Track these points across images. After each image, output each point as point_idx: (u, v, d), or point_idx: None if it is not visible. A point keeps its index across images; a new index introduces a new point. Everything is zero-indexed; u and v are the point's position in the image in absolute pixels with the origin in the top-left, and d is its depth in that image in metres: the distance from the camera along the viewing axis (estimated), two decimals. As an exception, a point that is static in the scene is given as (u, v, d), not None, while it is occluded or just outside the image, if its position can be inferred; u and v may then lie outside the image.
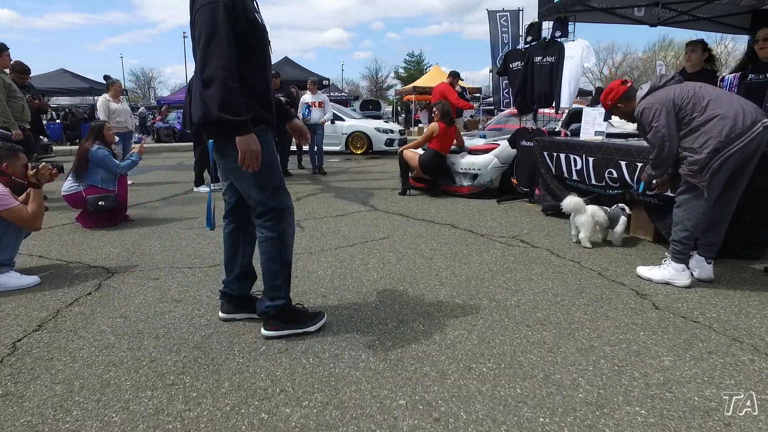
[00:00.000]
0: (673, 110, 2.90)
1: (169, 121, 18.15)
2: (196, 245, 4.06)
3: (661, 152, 2.93)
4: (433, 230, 4.54)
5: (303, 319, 2.42)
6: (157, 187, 7.40)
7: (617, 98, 3.23)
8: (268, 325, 2.36)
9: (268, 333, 2.35)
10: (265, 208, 2.24)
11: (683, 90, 2.94)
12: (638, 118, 3.07)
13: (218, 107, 1.95)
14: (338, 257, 3.68)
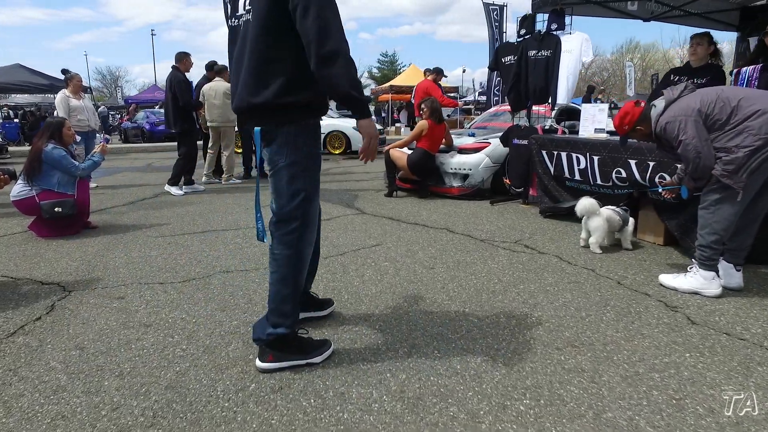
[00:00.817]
0: (699, 119, 2.66)
1: (138, 120, 17.33)
2: (168, 256, 3.61)
3: (696, 165, 2.66)
4: (428, 235, 4.21)
5: (307, 348, 2.04)
6: (124, 191, 6.85)
7: (635, 121, 2.97)
8: (264, 355, 1.97)
9: (264, 365, 1.96)
10: (288, 217, 1.94)
11: (704, 96, 2.72)
12: (660, 134, 2.82)
13: (349, 84, 1.73)
14: (329, 268, 3.30)
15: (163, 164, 10.42)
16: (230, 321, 2.46)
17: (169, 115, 6.45)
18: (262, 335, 1.98)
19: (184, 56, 6.59)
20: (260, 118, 1.87)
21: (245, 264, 3.39)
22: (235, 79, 1.91)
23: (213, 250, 3.75)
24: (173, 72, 6.42)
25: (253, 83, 1.82)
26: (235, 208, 5.47)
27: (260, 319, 2.07)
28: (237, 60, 1.90)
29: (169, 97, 6.34)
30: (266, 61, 1.80)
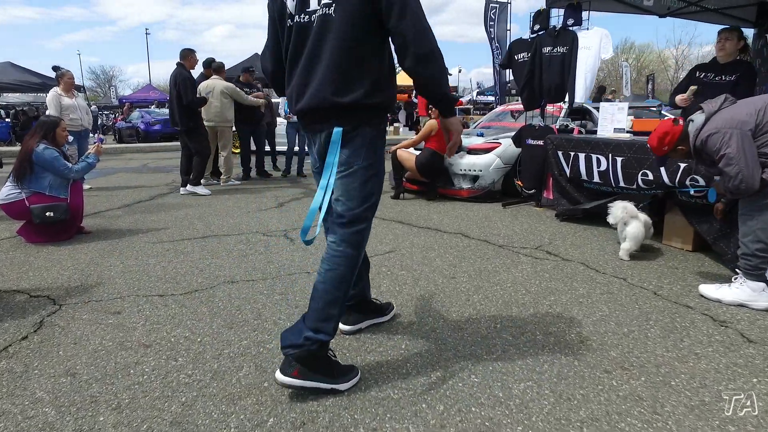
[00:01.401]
0: (746, 131, 2.46)
1: (132, 120, 17.00)
2: (167, 264, 3.37)
3: (737, 186, 2.46)
4: (442, 241, 3.98)
5: (335, 371, 1.83)
6: (119, 193, 6.58)
7: (675, 140, 2.75)
8: (290, 368, 1.75)
9: (287, 380, 1.74)
10: (358, 218, 1.86)
11: (751, 106, 2.53)
12: (701, 148, 2.62)
13: (444, 84, 1.80)
14: (343, 278, 3.06)
15: (159, 165, 10.15)
16: (239, 340, 2.22)
17: (174, 113, 6.19)
18: (296, 340, 1.77)
19: (190, 53, 6.33)
20: (343, 118, 1.80)
21: (251, 274, 3.15)
22: (304, 77, 1.82)
23: (215, 258, 3.50)
24: (178, 69, 6.16)
25: (340, 81, 1.75)
26: (236, 211, 5.22)
27: (293, 326, 1.88)
28: (309, 57, 1.80)
29: (174, 95, 6.08)
30: (355, 60, 1.75)
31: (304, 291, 2.83)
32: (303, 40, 1.81)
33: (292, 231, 4.30)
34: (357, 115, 1.80)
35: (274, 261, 3.41)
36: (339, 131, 1.79)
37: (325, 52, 1.75)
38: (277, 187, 6.97)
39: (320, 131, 1.87)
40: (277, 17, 1.90)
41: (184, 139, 6.30)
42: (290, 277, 3.08)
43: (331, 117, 1.80)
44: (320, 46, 1.77)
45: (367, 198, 1.86)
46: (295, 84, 1.86)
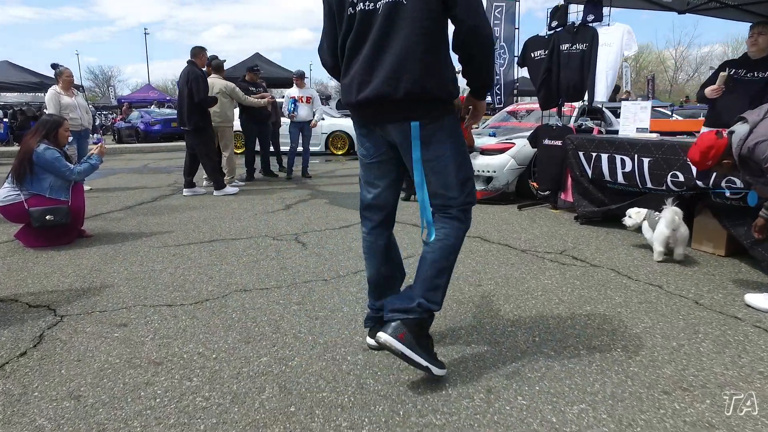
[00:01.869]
0: None
1: (131, 120, 16.79)
2: (174, 271, 3.18)
3: None
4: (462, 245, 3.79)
5: (433, 353, 1.85)
6: (120, 194, 6.39)
7: (720, 154, 2.58)
8: (398, 330, 1.74)
9: (392, 341, 1.72)
10: (464, 204, 1.88)
11: None
12: (747, 156, 2.45)
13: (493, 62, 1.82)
14: (363, 287, 2.88)
15: (160, 165, 9.96)
16: (258, 357, 2.04)
17: (183, 112, 5.98)
18: (407, 304, 1.79)
19: (201, 51, 6.15)
20: (422, 109, 1.75)
21: (264, 281, 2.97)
22: (368, 66, 1.76)
23: (225, 264, 3.32)
24: (190, 67, 5.97)
25: (417, 71, 1.70)
26: (242, 213, 5.04)
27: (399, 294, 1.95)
28: (375, 46, 1.74)
29: (185, 93, 5.89)
30: (431, 48, 1.71)
31: (323, 301, 2.65)
32: (367, 28, 1.75)
33: (302, 235, 4.11)
34: (437, 106, 1.76)
35: (288, 267, 3.23)
36: (417, 125, 1.74)
37: (396, 41, 1.70)
38: (283, 188, 6.79)
39: (387, 122, 1.81)
40: (336, 5, 1.83)
41: (192, 138, 6.10)
42: (306, 285, 2.90)
43: (404, 109, 1.75)
44: (390, 34, 1.71)
45: (464, 183, 1.85)
46: (356, 73, 1.79)
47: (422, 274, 1.83)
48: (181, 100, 6.00)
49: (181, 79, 6.02)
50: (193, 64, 6.00)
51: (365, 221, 2.07)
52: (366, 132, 1.92)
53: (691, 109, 15.48)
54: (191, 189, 6.29)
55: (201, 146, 6.07)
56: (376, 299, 2.09)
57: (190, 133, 6.07)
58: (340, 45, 1.86)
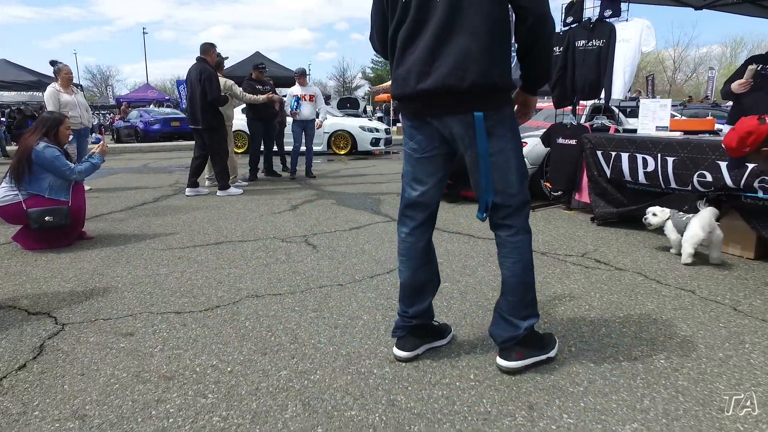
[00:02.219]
0: None
1: (131, 119, 16.62)
2: (180, 275, 3.03)
3: None
4: (478, 247, 3.66)
5: (543, 340, 1.96)
6: (121, 194, 6.23)
7: (761, 141, 2.44)
8: (512, 353, 1.85)
9: (513, 364, 1.85)
10: (522, 201, 1.82)
11: None
12: None
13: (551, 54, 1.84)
14: (381, 292, 2.74)
15: (160, 165, 9.80)
16: (277, 370, 1.89)
17: (196, 111, 5.82)
18: (515, 332, 1.84)
19: (211, 47, 6.00)
20: (487, 100, 1.69)
21: (276, 286, 2.82)
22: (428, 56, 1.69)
23: (234, 267, 3.17)
24: (201, 64, 5.82)
25: (489, 62, 1.64)
26: (248, 214, 4.88)
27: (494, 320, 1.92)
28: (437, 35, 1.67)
29: (198, 91, 5.73)
30: (498, 37, 1.65)
31: (341, 307, 2.50)
32: (426, 17, 1.69)
33: (312, 236, 3.97)
34: (500, 97, 1.72)
35: (300, 271, 3.08)
36: (481, 117, 1.67)
37: (461, 29, 1.64)
38: (287, 188, 6.64)
39: (448, 114, 1.73)
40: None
41: (204, 138, 5.93)
42: (321, 290, 2.75)
43: (469, 100, 1.68)
44: (454, 21, 1.64)
45: (522, 178, 1.80)
46: (414, 64, 1.72)
47: (513, 298, 1.84)
48: (193, 99, 5.83)
49: (191, 76, 5.84)
50: (203, 61, 5.85)
51: (406, 221, 1.97)
52: (419, 125, 1.83)
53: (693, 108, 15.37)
54: (194, 189, 6.14)
55: (214, 145, 5.93)
56: (408, 306, 1.96)
57: (202, 132, 5.91)
58: (392, 34, 1.79)
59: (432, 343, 2.05)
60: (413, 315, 1.94)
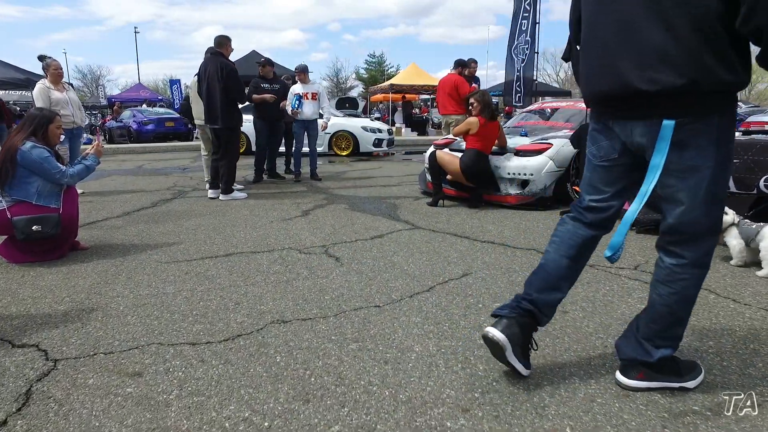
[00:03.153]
0: None
1: (123, 119, 16.12)
2: (191, 294, 2.64)
3: None
4: (517, 259, 3.31)
5: (680, 368, 1.70)
6: (116, 198, 5.81)
7: None
8: (633, 371, 1.68)
9: (632, 383, 1.68)
10: (705, 230, 1.54)
11: None
12: None
13: None
14: (427, 315, 2.37)
15: (156, 167, 9.36)
16: (327, 425, 1.51)
17: (215, 109, 5.41)
18: (644, 357, 1.64)
19: (227, 40, 5.61)
20: (686, 105, 1.42)
21: (304, 308, 2.44)
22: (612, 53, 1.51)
23: (251, 285, 2.79)
24: (218, 58, 5.42)
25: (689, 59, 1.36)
26: (256, 221, 4.50)
27: (625, 334, 1.74)
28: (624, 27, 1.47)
29: (219, 88, 5.32)
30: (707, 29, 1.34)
31: (385, 336, 2.13)
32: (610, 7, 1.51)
33: (332, 247, 3.59)
34: (704, 101, 1.41)
35: (327, 289, 2.70)
36: (670, 125, 1.42)
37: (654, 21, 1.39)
38: (294, 191, 6.26)
39: (631, 119, 1.53)
40: None
41: (221, 137, 5.53)
42: (357, 314, 2.38)
43: (659, 104, 1.44)
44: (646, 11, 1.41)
45: (713, 204, 1.51)
46: (596, 61, 1.57)
47: (656, 325, 1.63)
48: (212, 96, 5.41)
49: (208, 71, 5.41)
50: (220, 55, 5.46)
51: (576, 211, 1.80)
52: (602, 128, 1.66)
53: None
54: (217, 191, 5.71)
55: (230, 145, 5.55)
56: (535, 290, 1.75)
57: (220, 132, 5.50)
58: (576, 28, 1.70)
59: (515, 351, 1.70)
60: (533, 301, 1.72)
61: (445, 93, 7.76)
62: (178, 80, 24.38)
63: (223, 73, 5.28)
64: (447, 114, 7.88)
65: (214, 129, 5.51)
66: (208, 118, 5.50)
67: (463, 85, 7.57)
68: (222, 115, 5.36)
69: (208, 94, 5.42)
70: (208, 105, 5.46)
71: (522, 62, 8.87)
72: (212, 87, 5.36)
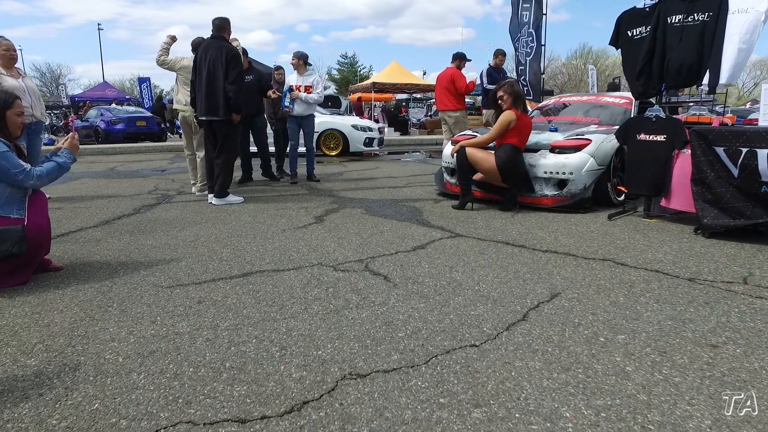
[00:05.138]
0: None
1: (89, 119, 14.94)
2: (215, 335, 1.96)
3: None
4: (599, 272, 2.74)
5: None
6: (90, 204, 4.99)
7: None
8: None
9: None
10: None
11: None
12: None
13: None
14: (545, 356, 1.76)
15: (131, 168, 8.47)
16: None
17: (216, 98, 4.69)
18: None
19: (227, 22, 4.90)
20: None
21: (378, 352, 1.80)
22: None
23: (290, 317, 2.13)
24: (220, 42, 4.73)
25: None
26: (265, 229, 3.81)
27: None
28: None
29: (218, 74, 4.63)
30: None
31: (509, 393, 1.51)
32: None
33: (371, 261, 2.95)
34: None
35: (395, 322, 2.07)
36: None
37: None
38: (294, 194, 5.56)
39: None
40: None
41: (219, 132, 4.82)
42: (452, 357, 1.75)
43: None
44: None
45: None
46: None
47: None
48: (213, 83, 4.68)
49: (209, 56, 4.69)
50: (221, 39, 4.74)
51: None
52: None
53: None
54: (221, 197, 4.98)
55: (229, 141, 4.85)
56: None
57: (218, 125, 4.78)
58: None
59: None
60: None
61: (442, 88, 7.21)
62: (148, 78, 23.14)
63: (227, 57, 4.58)
64: (445, 110, 7.31)
65: (212, 122, 4.78)
66: (207, 109, 4.76)
67: (460, 78, 7.04)
68: (224, 104, 4.65)
69: (208, 81, 4.69)
70: (207, 93, 4.71)
71: (528, 56, 8.41)
72: (214, 73, 4.64)
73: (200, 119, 4.86)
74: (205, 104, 4.73)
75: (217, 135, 4.82)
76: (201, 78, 4.72)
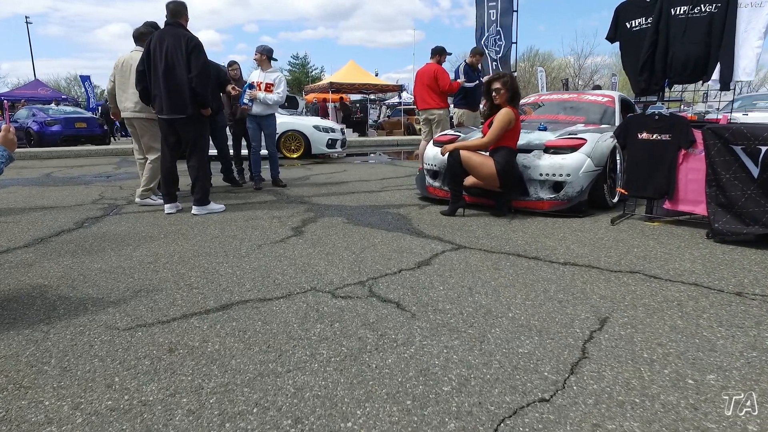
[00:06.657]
0: None
1: (19, 120, 13.52)
2: (199, 403, 1.45)
3: None
4: (637, 288, 2.42)
5: None
6: (21, 219, 4.23)
7: None
8: None
9: None
10: None
11: None
12: None
13: None
14: (636, 411, 1.37)
15: (70, 174, 7.56)
16: None
17: (182, 94, 4.08)
18: None
19: (183, 8, 4.24)
20: None
21: (420, 415, 1.35)
22: None
23: (296, 369, 1.64)
24: (177, 29, 4.11)
25: None
26: (237, 245, 3.27)
27: None
28: None
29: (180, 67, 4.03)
30: None
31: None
32: None
33: (374, 283, 2.49)
34: None
35: (435, 370, 1.62)
36: None
37: None
38: (261, 202, 5.01)
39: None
40: None
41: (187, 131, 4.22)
42: (524, 420, 1.33)
43: None
44: None
45: None
46: None
47: None
48: (174, 77, 4.06)
49: (165, 47, 4.05)
50: (179, 26, 4.12)
51: None
52: None
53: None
54: (175, 204, 4.35)
55: (200, 140, 4.26)
56: None
57: (184, 124, 4.18)
58: None
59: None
60: None
61: (424, 85, 6.81)
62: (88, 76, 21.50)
63: (188, 45, 3.98)
64: (427, 109, 6.94)
65: (174, 121, 4.15)
66: (170, 107, 4.11)
67: (444, 75, 6.68)
68: (191, 101, 4.05)
69: (166, 75, 4.05)
70: (168, 90, 4.08)
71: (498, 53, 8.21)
72: (173, 65, 4.02)
73: (162, 118, 4.22)
74: (167, 102, 4.09)
75: (183, 135, 4.21)
76: (157, 72, 4.08)
